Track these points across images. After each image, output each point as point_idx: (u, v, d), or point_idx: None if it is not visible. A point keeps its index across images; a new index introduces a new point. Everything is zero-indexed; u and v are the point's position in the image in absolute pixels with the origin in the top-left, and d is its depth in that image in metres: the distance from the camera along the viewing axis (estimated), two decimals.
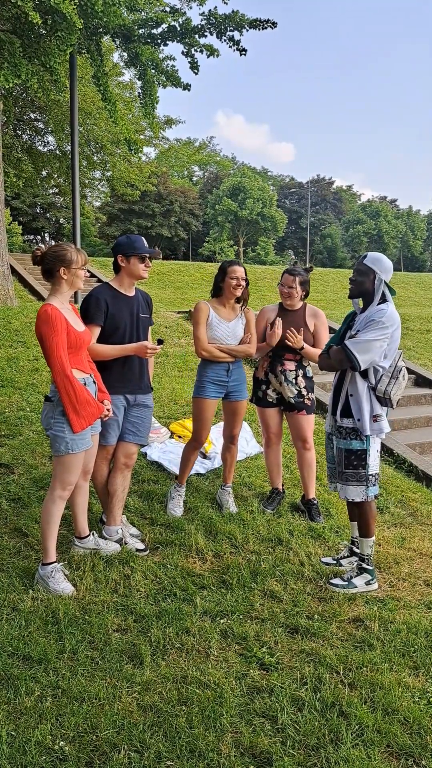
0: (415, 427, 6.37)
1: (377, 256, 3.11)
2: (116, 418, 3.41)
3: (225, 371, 3.89)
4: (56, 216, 40.00)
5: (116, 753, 2.05)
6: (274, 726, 2.22)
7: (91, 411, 2.95)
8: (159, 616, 2.83)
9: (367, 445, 3.13)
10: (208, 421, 3.91)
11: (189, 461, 4.00)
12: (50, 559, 3.03)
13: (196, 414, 3.91)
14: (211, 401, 3.89)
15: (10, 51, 7.99)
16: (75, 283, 3.01)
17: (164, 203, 44.02)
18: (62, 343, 2.87)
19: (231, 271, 3.82)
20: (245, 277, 3.85)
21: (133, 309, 3.43)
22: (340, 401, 3.17)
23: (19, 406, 5.37)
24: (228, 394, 3.96)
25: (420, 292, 20.77)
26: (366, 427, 3.09)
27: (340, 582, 3.18)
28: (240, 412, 4.01)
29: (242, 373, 4.01)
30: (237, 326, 3.90)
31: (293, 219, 59.58)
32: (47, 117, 14.79)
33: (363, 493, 3.15)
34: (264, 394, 4.11)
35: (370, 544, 3.23)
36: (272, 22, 9.60)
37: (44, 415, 3.01)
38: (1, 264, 9.69)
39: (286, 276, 4.00)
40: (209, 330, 3.84)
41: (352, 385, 3.13)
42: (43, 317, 2.87)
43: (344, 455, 3.16)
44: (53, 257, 2.94)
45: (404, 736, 2.19)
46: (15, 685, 2.34)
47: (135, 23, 9.76)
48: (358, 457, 3.13)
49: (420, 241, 60.19)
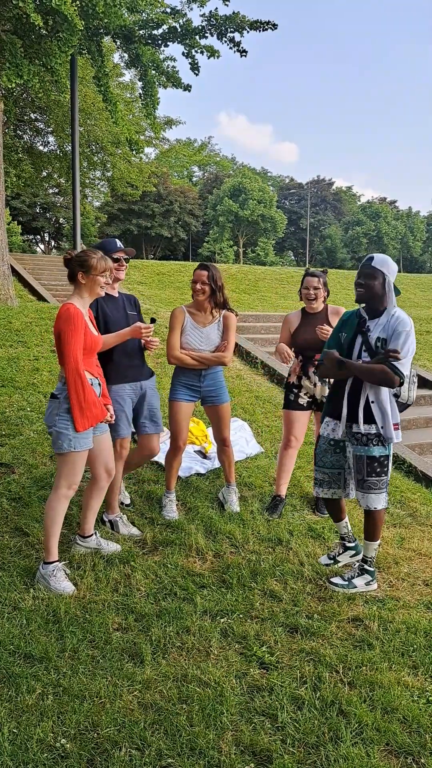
0: (414, 427, 6.39)
1: (384, 257, 3.03)
2: (124, 408, 3.53)
3: (197, 377, 3.89)
4: (56, 216, 39.99)
5: (117, 751, 2.06)
6: (274, 724, 2.24)
7: (95, 413, 2.99)
8: (159, 615, 2.85)
9: (388, 450, 3.09)
10: (183, 424, 3.89)
11: (172, 467, 3.96)
12: (52, 558, 3.04)
13: (171, 417, 3.91)
14: (184, 404, 3.88)
15: (12, 51, 8.00)
16: (94, 289, 3.07)
17: (164, 203, 44.01)
18: (80, 342, 2.94)
19: (194, 275, 3.78)
20: (208, 281, 3.73)
21: (121, 307, 3.60)
22: (361, 407, 3.05)
23: (19, 406, 5.38)
24: (205, 399, 3.96)
25: (419, 293, 20.80)
26: (391, 433, 3.02)
27: (341, 581, 3.19)
28: (223, 415, 3.99)
29: (218, 377, 3.97)
30: (212, 332, 3.86)
31: (293, 220, 59.59)
32: (48, 117, 14.81)
33: (384, 500, 3.11)
34: (296, 397, 4.14)
35: (375, 547, 3.22)
36: (273, 23, 9.63)
37: (49, 412, 3.04)
38: (1, 264, 9.70)
39: (308, 279, 4.00)
40: (183, 335, 3.83)
41: (374, 392, 3.03)
42: (64, 315, 2.93)
43: (366, 462, 3.07)
44: (75, 261, 3.03)
45: (403, 735, 2.21)
46: (16, 683, 2.35)
47: (136, 24, 9.78)
48: (380, 464, 3.07)
49: (419, 243, 60.20)
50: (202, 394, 3.94)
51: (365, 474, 3.07)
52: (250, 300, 15.62)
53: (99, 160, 16.53)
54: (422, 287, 21.92)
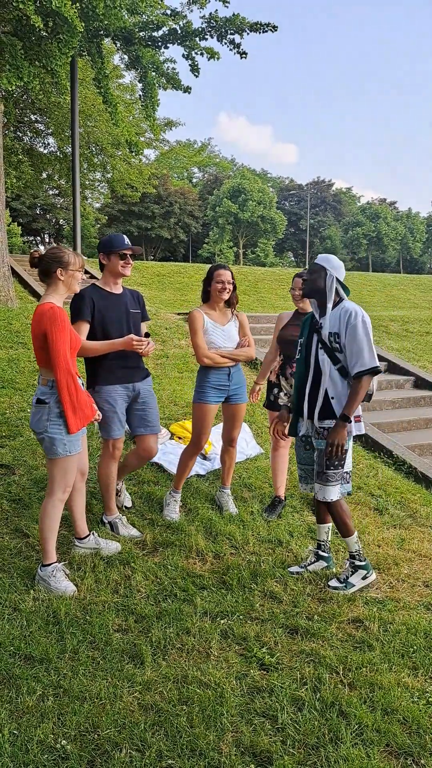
0: (414, 428, 6.39)
1: (327, 256, 3.23)
2: (115, 409, 3.48)
3: (227, 376, 3.90)
4: (56, 217, 40.04)
5: (117, 752, 2.07)
6: (274, 725, 2.24)
7: (86, 413, 3.00)
8: (159, 617, 2.85)
9: (348, 444, 3.16)
10: (208, 427, 3.91)
11: (187, 466, 3.98)
12: (50, 560, 3.04)
13: (197, 419, 3.90)
14: (213, 407, 3.89)
15: (12, 53, 8.01)
16: (71, 285, 3.05)
17: (164, 205, 44.07)
18: (67, 342, 2.91)
19: (217, 275, 3.84)
20: (231, 280, 3.85)
21: (121, 305, 3.52)
22: (318, 403, 3.16)
23: (20, 407, 5.39)
24: (228, 398, 3.97)
25: (419, 294, 20.81)
26: (350, 426, 3.12)
27: (338, 584, 3.19)
28: (240, 415, 4.03)
29: (242, 376, 4.03)
30: (232, 329, 3.92)
31: (293, 221, 59.65)
32: (48, 119, 14.83)
33: (339, 492, 3.17)
34: (275, 397, 4.17)
35: (354, 541, 3.23)
36: (273, 25, 9.64)
37: (36, 418, 2.98)
38: (1, 265, 9.71)
39: (296, 279, 4.05)
40: (206, 336, 3.85)
41: (332, 388, 3.14)
42: (49, 315, 2.88)
43: (326, 455, 3.15)
44: (51, 258, 2.99)
45: (403, 736, 2.21)
46: (17, 685, 2.35)
47: (136, 26, 9.80)
48: (338, 456, 3.14)
49: (419, 244, 60.24)
50: (228, 393, 3.95)
51: (324, 467, 3.14)
52: (249, 301, 15.63)
53: (99, 161, 16.55)
54: (422, 288, 21.93)
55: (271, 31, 9.66)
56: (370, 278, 22.47)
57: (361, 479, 4.83)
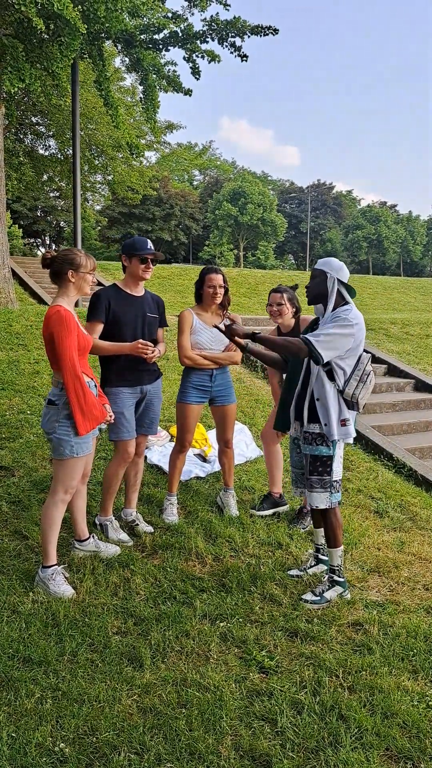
0: (414, 431, 6.39)
1: (327, 259, 3.15)
2: (124, 411, 3.51)
3: (208, 377, 3.92)
4: (57, 219, 40.07)
5: (116, 755, 2.06)
6: (273, 729, 2.23)
7: (96, 415, 2.98)
8: (159, 619, 2.84)
9: (333, 450, 3.06)
10: (191, 426, 3.95)
11: (176, 467, 3.98)
12: (50, 562, 3.03)
13: (180, 419, 3.95)
14: (194, 406, 3.92)
15: (13, 55, 8.03)
16: (82, 287, 3.05)
17: (165, 207, 44.14)
18: (74, 344, 2.91)
19: (208, 280, 3.84)
20: (223, 284, 3.84)
21: (139, 308, 3.53)
22: (306, 406, 3.09)
23: (19, 409, 5.38)
24: (213, 400, 3.98)
25: (419, 297, 20.81)
26: (333, 432, 3.00)
27: (312, 597, 3.08)
28: (228, 416, 4.03)
29: (227, 378, 4.02)
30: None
31: (293, 224, 59.73)
32: (49, 121, 14.86)
33: (327, 500, 3.07)
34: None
35: (339, 554, 3.13)
36: (274, 28, 9.65)
37: (46, 418, 3.01)
38: (2, 267, 9.71)
39: (273, 294, 3.94)
40: (194, 335, 3.86)
41: (318, 389, 3.04)
42: (56, 317, 2.89)
43: (309, 460, 3.09)
44: (63, 260, 2.99)
45: (403, 740, 2.20)
46: (15, 687, 2.34)
47: (137, 29, 9.81)
48: (323, 464, 3.06)
49: (420, 246, 60.32)
50: (211, 395, 3.95)
51: (308, 472, 3.10)
52: (249, 303, 15.63)
53: (100, 163, 16.57)
54: (422, 291, 21.93)
55: (272, 35, 9.68)
56: (370, 281, 22.48)
57: (361, 482, 4.83)
